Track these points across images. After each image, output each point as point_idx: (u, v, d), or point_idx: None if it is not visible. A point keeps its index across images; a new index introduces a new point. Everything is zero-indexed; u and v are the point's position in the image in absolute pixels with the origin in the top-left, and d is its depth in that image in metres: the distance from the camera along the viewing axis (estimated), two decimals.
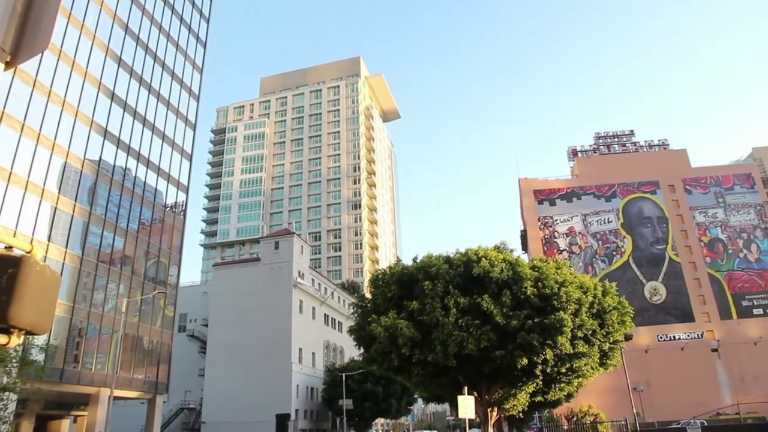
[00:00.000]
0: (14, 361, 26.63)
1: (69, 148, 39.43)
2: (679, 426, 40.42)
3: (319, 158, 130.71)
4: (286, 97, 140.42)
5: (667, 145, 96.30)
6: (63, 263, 37.43)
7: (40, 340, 32.09)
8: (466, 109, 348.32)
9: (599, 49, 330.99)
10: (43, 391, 30.17)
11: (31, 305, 3.14)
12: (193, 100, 56.89)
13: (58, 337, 36.62)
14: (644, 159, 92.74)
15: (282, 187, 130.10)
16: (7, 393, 25.50)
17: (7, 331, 3.14)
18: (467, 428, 32.23)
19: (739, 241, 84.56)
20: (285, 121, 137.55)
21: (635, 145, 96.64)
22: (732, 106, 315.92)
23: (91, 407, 40.44)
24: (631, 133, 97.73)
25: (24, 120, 35.45)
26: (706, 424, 44.59)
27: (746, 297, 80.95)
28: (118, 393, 38.21)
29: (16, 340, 3.20)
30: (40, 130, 36.72)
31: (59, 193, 38.15)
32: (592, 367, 25.97)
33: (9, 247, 3.27)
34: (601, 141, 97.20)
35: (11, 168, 34.25)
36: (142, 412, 48.58)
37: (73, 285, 38.72)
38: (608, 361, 27.40)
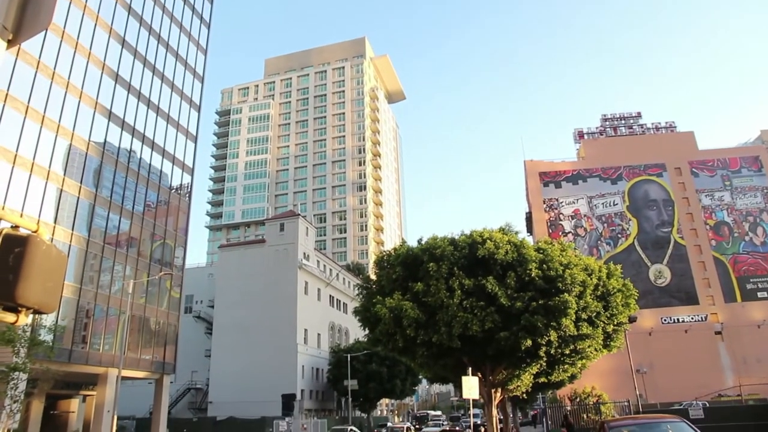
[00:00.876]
0: (23, 341, 26.96)
1: (74, 130, 39.38)
2: (681, 407, 40.61)
3: (324, 140, 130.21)
4: (290, 79, 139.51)
5: (674, 127, 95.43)
6: (69, 245, 37.64)
7: (48, 320, 32.44)
8: (473, 91, 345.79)
9: (608, 32, 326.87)
10: (52, 371, 30.54)
11: (38, 284, 3.15)
12: (198, 82, 56.62)
13: (65, 318, 37.00)
14: (651, 141, 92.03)
15: (287, 169, 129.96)
16: (17, 372, 25.84)
17: (14, 310, 3.16)
18: (471, 408, 32.62)
19: (745, 224, 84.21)
20: (290, 102, 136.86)
21: (642, 128, 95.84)
22: (741, 89, 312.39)
23: (100, 387, 41.01)
24: (638, 115, 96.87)
25: (28, 102, 35.41)
26: (707, 405, 44.83)
27: (751, 280, 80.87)
28: (125, 373, 38.69)
29: (23, 319, 3.23)
30: (44, 112, 36.68)
31: (65, 175, 38.20)
32: (595, 349, 26.01)
33: (15, 227, 3.27)
34: (607, 123, 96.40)
35: (16, 150, 34.31)
36: (150, 392, 49.29)
37: (80, 266, 38.98)
38: (612, 343, 27.42)
